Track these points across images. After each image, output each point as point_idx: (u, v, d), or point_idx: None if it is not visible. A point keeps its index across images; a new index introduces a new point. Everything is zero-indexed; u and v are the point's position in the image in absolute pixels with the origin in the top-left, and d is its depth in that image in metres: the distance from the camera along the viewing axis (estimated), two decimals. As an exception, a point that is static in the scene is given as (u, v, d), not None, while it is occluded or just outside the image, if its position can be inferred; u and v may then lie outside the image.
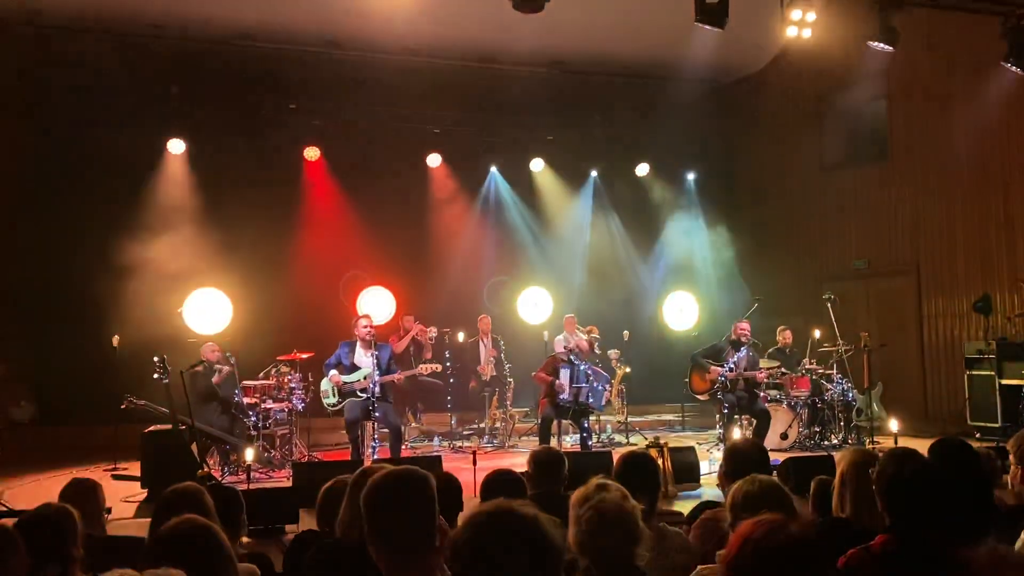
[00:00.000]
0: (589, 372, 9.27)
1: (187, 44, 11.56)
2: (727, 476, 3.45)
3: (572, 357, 9.23)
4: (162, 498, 3.12)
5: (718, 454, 9.07)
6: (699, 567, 2.61)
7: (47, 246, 11.28)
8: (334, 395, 8.71)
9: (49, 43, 10.53)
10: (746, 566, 1.74)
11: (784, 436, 9.81)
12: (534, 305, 13.06)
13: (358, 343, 8.79)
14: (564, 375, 9.07)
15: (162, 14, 10.96)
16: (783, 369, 9.97)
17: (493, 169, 13.26)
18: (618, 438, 10.78)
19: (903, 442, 7.17)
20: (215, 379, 8.73)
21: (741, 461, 3.46)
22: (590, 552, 2.50)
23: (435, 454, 9.05)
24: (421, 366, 9.40)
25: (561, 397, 9.00)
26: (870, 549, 2.66)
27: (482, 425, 10.90)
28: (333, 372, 8.63)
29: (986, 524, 2.86)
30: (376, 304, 12.17)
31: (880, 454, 3.06)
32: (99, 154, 11.10)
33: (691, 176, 13.75)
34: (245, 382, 8.95)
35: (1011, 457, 3.23)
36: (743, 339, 9.51)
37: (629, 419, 11.02)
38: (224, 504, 3.16)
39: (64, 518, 2.67)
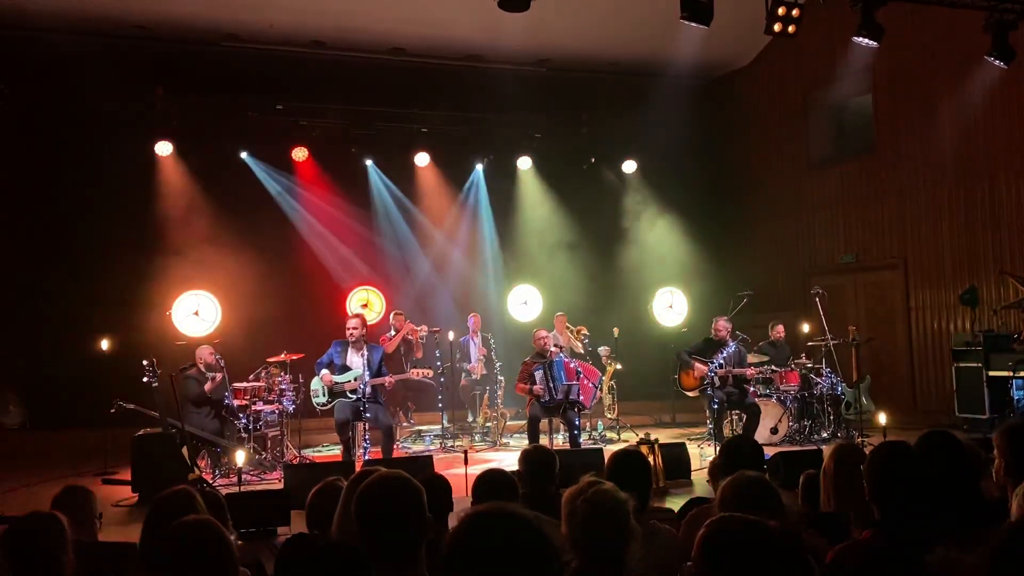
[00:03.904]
0: (576, 368, 9.24)
1: (172, 45, 11.54)
2: (721, 472, 3.47)
3: (548, 354, 9.18)
4: (154, 503, 3.12)
5: (709, 450, 9.11)
6: (687, 564, 2.62)
7: (35, 249, 11.22)
8: (324, 394, 8.69)
9: (32, 45, 10.48)
10: (714, 562, 1.76)
11: (774, 431, 9.85)
12: (523, 303, 13.09)
13: (350, 343, 8.77)
14: (539, 377, 9.01)
15: (146, 15, 10.92)
16: (772, 367, 10.00)
17: (479, 167, 13.24)
18: (609, 435, 10.80)
19: (891, 435, 7.23)
20: (207, 387, 8.69)
21: (735, 457, 3.49)
22: (582, 547, 2.51)
23: (426, 454, 9.05)
24: (412, 370, 9.38)
25: (543, 400, 8.97)
26: (857, 543, 2.68)
27: (474, 424, 10.91)
28: (324, 371, 8.61)
29: (972, 517, 2.89)
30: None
31: (867, 448, 3.09)
32: (85, 156, 11.06)
33: (677, 172, 13.74)
34: (235, 384, 8.91)
35: (995, 450, 3.25)
36: (716, 336, 9.50)
37: (620, 416, 11.05)
38: (207, 509, 3.15)
39: (52, 525, 2.66)
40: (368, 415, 8.33)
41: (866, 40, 8.34)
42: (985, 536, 2.01)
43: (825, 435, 9.93)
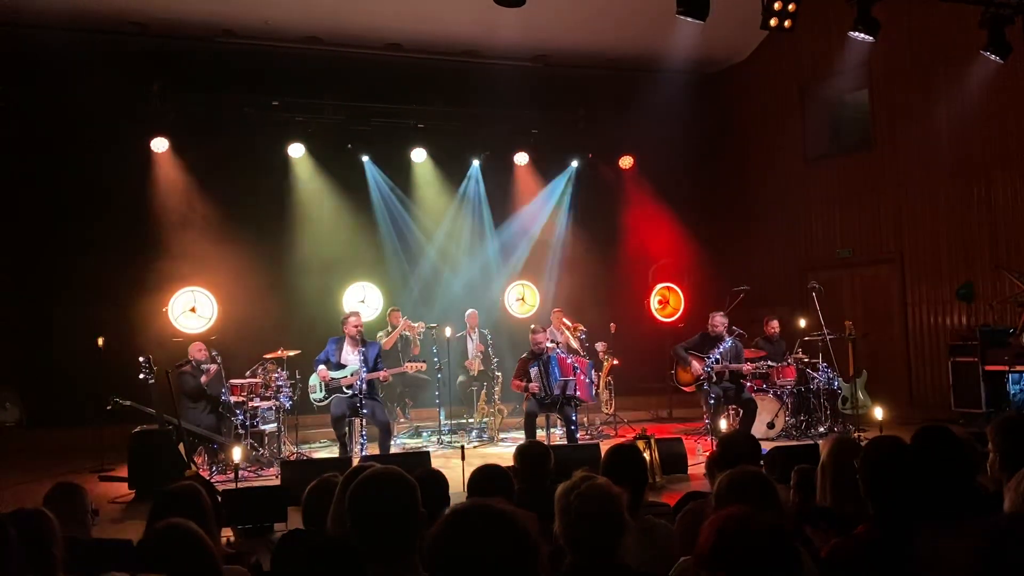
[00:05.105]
0: (572, 363, 9.23)
1: (168, 41, 11.49)
2: (718, 466, 3.47)
3: (541, 351, 9.15)
4: (158, 498, 3.11)
5: (706, 445, 9.12)
6: (682, 558, 2.63)
7: (30, 246, 11.20)
8: (321, 390, 8.75)
9: (28, 41, 10.44)
10: (717, 556, 1.76)
11: (771, 425, 9.86)
12: (520, 299, 13.09)
13: (346, 340, 8.78)
14: (534, 374, 9.01)
15: (142, 11, 10.88)
16: (769, 362, 10.00)
17: (475, 163, 13.22)
18: (606, 430, 10.81)
19: (888, 430, 7.24)
20: (203, 379, 8.69)
21: (732, 451, 3.49)
22: (576, 541, 2.51)
23: (423, 449, 9.05)
24: (407, 364, 9.39)
25: (539, 396, 8.98)
26: (853, 537, 2.68)
27: (471, 420, 10.91)
28: (321, 367, 8.66)
29: (968, 511, 2.89)
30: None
31: (863, 442, 3.09)
32: (81, 153, 11.02)
33: (674, 167, 13.72)
34: (232, 380, 8.91)
35: (990, 444, 3.26)
36: (712, 332, 9.51)
37: (617, 411, 11.05)
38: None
39: (40, 520, 2.65)
40: (365, 411, 8.34)
41: (862, 35, 8.34)
42: (975, 525, 2.01)
43: (822, 430, 9.94)
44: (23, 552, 2.28)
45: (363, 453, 8.57)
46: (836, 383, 10.26)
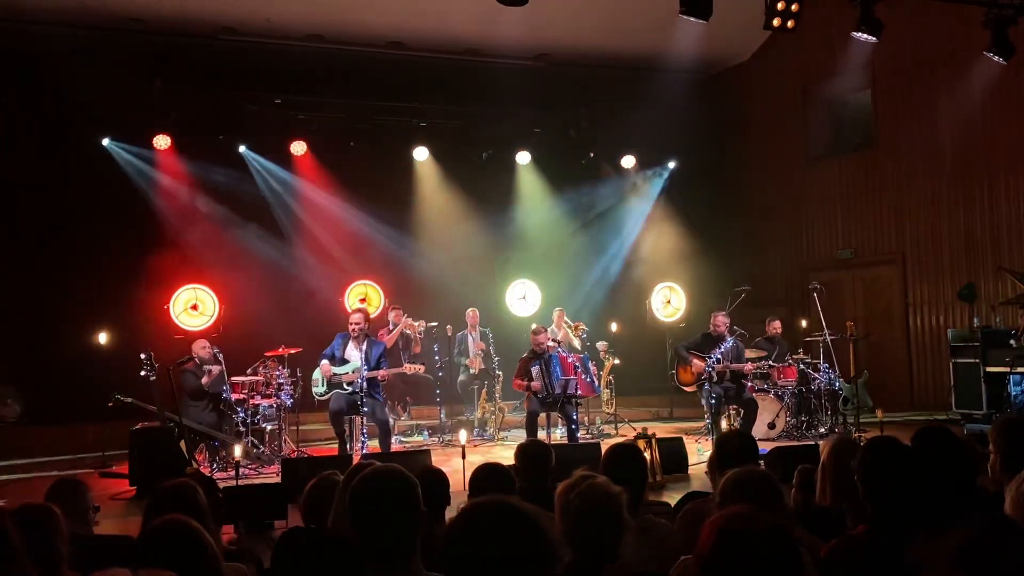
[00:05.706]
0: (573, 362, 9.25)
1: (170, 38, 11.49)
2: (716, 466, 3.47)
3: (543, 351, 9.15)
4: (154, 494, 3.11)
5: (706, 445, 9.12)
6: (682, 557, 2.63)
7: (32, 242, 11.21)
8: (323, 385, 8.77)
9: (29, 37, 10.44)
10: (717, 556, 1.76)
11: (772, 425, 9.86)
12: (522, 298, 13.08)
13: (351, 337, 8.80)
14: (536, 372, 9.03)
15: (143, 8, 10.88)
16: (770, 362, 10.00)
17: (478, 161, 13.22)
18: (607, 429, 10.80)
19: (889, 430, 7.24)
20: (204, 380, 8.68)
21: (730, 451, 3.49)
22: (576, 540, 2.51)
23: (424, 448, 9.05)
24: (406, 365, 9.39)
25: (540, 395, 8.99)
26: (851, 537, 2.69)
27: (471, 418, 10.91)
28: (325, 362, 8.68)
29: (967, 513, 2.89)
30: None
31: (863, 443, 3.09)
32: (82, 150, 11.03)
33: (675, 167, 13.72)
34: (233, 378, 8.91)
35: (990, 444, 3.26)
36: (714, 332, 9.52)
37: (617, 410, 11.05)
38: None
39: (46, 516, 2.66)
40: (365, 409, 8.34)
41: (865, 35, 8.34)
42: (972, 526, 2.01)
43: (823, 430, 9.93)
44: (26, 548, 2.28)
45: (364, 451, 8.58)
46: (837, 384, 10.25)
